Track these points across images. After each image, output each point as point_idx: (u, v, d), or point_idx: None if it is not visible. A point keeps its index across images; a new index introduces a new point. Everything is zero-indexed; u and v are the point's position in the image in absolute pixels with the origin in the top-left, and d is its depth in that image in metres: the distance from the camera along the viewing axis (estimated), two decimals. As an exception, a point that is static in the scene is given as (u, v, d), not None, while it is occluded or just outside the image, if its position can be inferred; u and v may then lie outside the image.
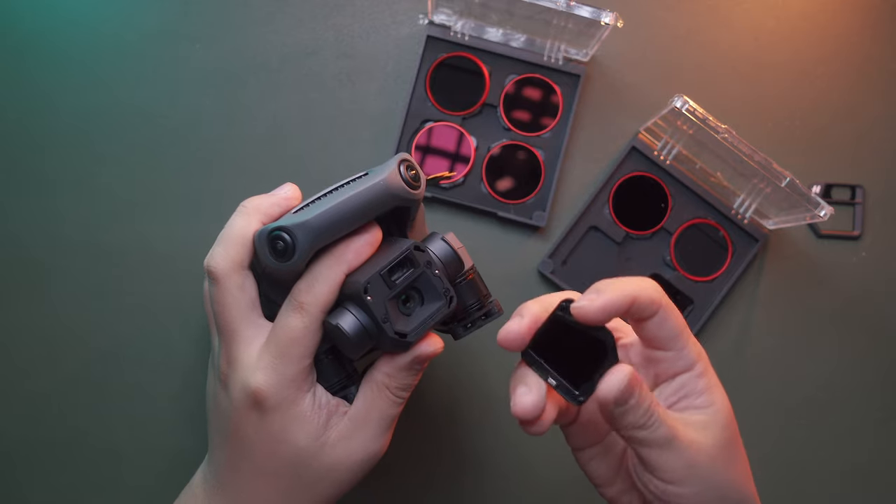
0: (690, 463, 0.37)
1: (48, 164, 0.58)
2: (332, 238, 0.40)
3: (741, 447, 0.40)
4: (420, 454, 0.57)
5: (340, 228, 0.39)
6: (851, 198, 0.60)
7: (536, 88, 0.59)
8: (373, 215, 0.40)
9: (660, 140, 0.59)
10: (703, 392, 0.39)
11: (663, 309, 0.38)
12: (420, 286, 0.41)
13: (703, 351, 0.40)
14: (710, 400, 0.39)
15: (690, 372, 0.39)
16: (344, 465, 0.42)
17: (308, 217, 0.39)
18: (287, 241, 0.39)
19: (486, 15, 0.57)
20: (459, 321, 0.43)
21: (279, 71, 0.59)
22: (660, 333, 0.38)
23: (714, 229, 0.59)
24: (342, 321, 0.39)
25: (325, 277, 0.40)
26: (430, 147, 0.58)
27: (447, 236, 0.43)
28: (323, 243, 0.40)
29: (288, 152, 0.59)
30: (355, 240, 0.40)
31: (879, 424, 0.59)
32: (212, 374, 0.45)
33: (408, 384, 0.42)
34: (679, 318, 0.39)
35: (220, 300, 0.42)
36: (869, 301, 0.59)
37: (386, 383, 0.41)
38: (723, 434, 0.39)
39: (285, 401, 0.40)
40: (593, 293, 0.37)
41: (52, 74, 0.59)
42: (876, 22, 0.61)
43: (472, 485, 0.57)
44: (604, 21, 0.52)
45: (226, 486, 0.42)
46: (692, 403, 0.39)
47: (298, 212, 0.40)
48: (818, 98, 0.61)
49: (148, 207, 0.58)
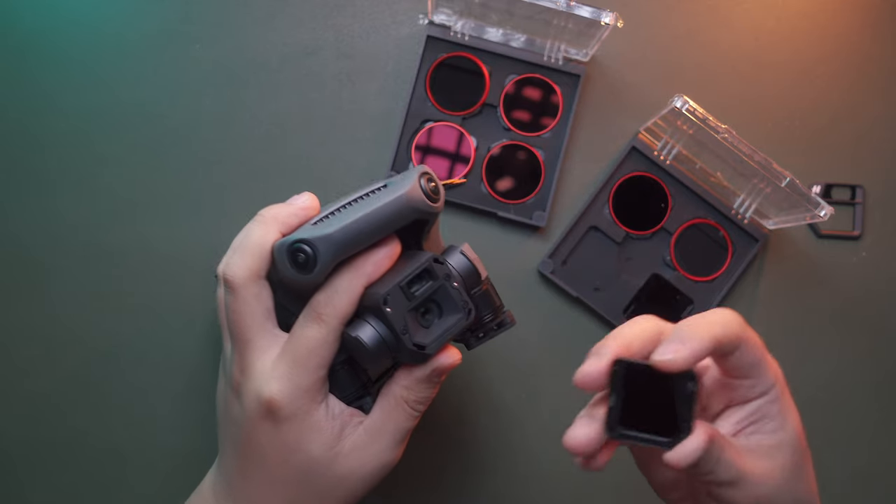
0: (758, 494, 0.36)
1: (48, 164, 0.58)
2: (354, 251, 0.40)
3: (809, 462, 0.39)
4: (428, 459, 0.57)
5: (361, 242, 0.40)
6: (851, 198, 0.60)
7: (536, 88, 0.59)
8: (393, 228, 0.40)
9: (660, 140, 0.59)
10: (777, 416, 0.38)
11: (744, 342, 0.36)
12: (438, 298, 0.41)
13: (779, 371, 0.38)
14: (782, 424, 0.38)
15: (766, 397, 0.38)
16: (356, 475, 0.42)
17: (330, 230, 0.39)
18: (308, 253, 0.39)
19: (486, 15, 0.57)
20: (472, 331, 0.44)
21: (279, 71, 0.59)
22: (740, 364, 0.37)
23: (714, 229, 0.59)
24: (361, 333, 0.39)
25: (344, 289, 0.40)
26: (430, 147, 0.58)
27: (464, 248, 0.43)
28: (344, 256, 0.40)
29: (288, 152, 0.59)
30: (375, 252, 0.40)
31: (879, 425, 0.58)
32: (223, 382, 0.45)
33: (426, 397, 0.42)
34: (759, 347, 0.37)
35: (236, 309, 0.42)
36: (869, 301, 0.59)
37: (404, 396, 0.42)
38: (792, 457, 0.38)
39: (300, 410, 0.40)
40: (677, 343, 0.34)
41: (52, 74, 0.59)
42: (876, 21, 0.61)
43: (479, 490, 0.57)
44: (604, 21, 0.52)
45: (236, 493, 0.42)
46: (763, 428, 0.38)
47: (318, 223, 0.40)
48: (818, 98, 0.61)
49: (148, 207, 0.58)
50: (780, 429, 0.38)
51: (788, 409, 0.38)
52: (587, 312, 0.58)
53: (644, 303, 0.58)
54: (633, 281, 0.58)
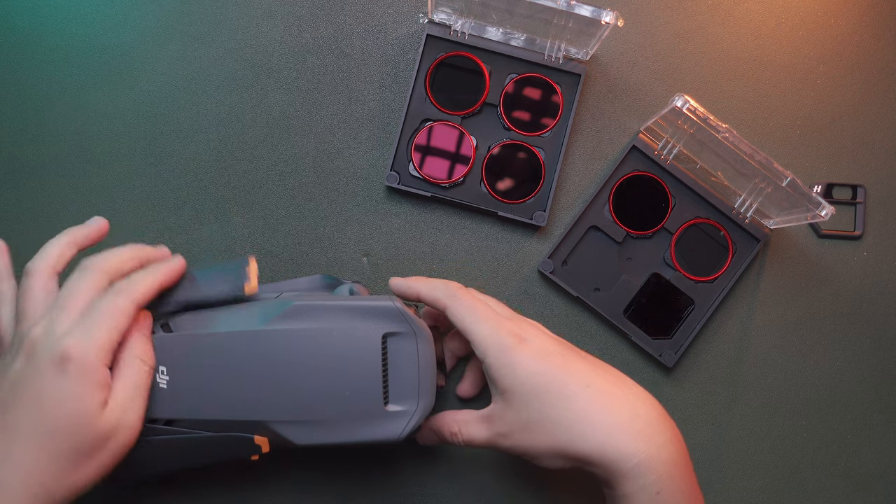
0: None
1: (48, 164, 0.58)
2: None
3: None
4: (429, 459, 0.57)
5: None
6: (852, 197, 0.60)
7: (537, 88, 0.59)
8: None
9: (660, 139, 0.58)
10: (493, 384, 0.49)
11: (448, 308, 0.49)
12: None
13: (497, 349, 0.47)
14: (496, 390, 0.49)
15: (483, 364, 0.48)
16: (118, 435, 0.43)
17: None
18: None
19: (486, 14, 0.57)
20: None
21: (279, 70, 0.59)
22: (456, 325, 0.49)
23: (715, 229, 0.59)
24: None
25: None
26: (430, 146, 0.58)
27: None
28: None
29: (288, 152, 0.59)
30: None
31: (879, 425, 0.58)
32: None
33: (145, 350, 0.44)
34: (463, 319, 0.48)
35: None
36: (870, 301, 0.59)
37: (138, 354, 0.44)
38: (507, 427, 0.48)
39: (92, 364, 0.42)
40: (399, 280, 0.52)
41: (50, 73, 0.58)
42: (877, 21, 0.61)
43: (479, 491, 0.57)
44: (604, 20, 0.51)
45: None
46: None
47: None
48: (819, 97, 0.60)
49: (148, 207, 0.58)
50: (494, 394, 0.48)
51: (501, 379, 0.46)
52: (587, 312, 0.58)
53: (644, 303, 0.58)
54: (634, 281, 0.58)
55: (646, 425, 0.44)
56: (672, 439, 0.45)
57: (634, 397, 0.46)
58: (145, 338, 0.44)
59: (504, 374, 0.46)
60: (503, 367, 0.46)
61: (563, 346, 0.48)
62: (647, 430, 0.44)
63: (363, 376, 0.46)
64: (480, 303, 0.49)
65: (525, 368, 0.46)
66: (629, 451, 0.43)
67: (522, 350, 0.46)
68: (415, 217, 0.59)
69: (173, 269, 0.46)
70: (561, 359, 0.46)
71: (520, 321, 0.49)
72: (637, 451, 0.43)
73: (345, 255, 0.58)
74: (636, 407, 0.45)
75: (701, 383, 0.58)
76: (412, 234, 0.59)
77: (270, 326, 0.45)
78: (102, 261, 0.44)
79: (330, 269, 0.58)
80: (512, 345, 0.46)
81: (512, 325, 0.48)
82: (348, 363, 0.46)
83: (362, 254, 0.58)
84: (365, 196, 0.59)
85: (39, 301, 0.43)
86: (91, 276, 0.44)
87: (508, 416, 0.46)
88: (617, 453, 0.43)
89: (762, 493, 0.58)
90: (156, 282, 0.45)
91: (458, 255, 0.58)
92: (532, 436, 0.45)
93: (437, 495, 0.56)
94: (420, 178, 0.58)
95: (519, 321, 0.49)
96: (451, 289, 0.49)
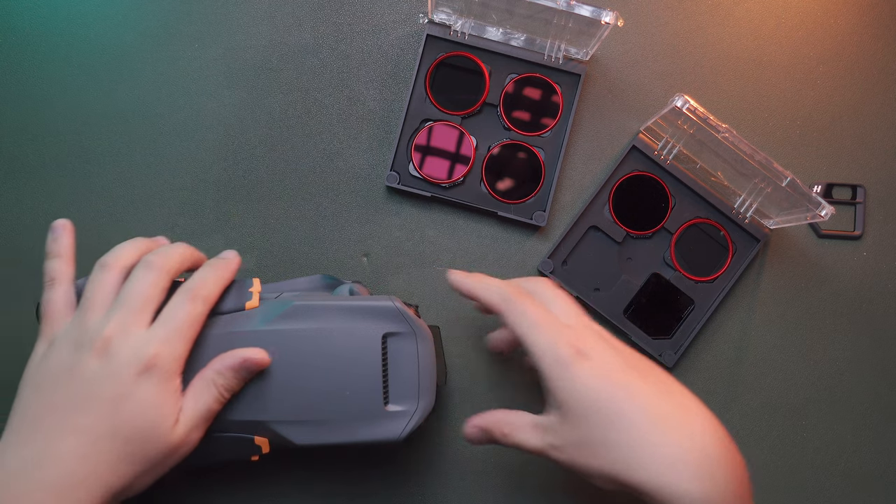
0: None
1: (48, 164, 0.58)
2: None
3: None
4: (432, 459, 0.57)
5: None
6: (852, 197, 0.60)
7: (536, 88, 0.59)
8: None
9: (660, 139, 0.58)
10: (548, 395, 0.45)
11: (504, 314, 0.47)
12: None
13: (554, 359, 0.44)
14: (551, 401, 0.45)
15: (539, 371, 0.46)
16: (182, 449, 0.44)
17: None
18: None
19: (486, 14, 0.57)
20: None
21: (279, 70, 0.59)
22: (513, 331, 0.47)
23: (715, 229, 0.59)
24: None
25: (214, 280, 0.46)
26: (430, 147, 0.58)
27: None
28: None
29: (288, 152, 0.59)
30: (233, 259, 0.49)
31: (879, 425, 0.58)
32: (64, 349, 0.43)
33: (233, 386, 0.45)
34: (520, 326, 0.46)
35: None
36: (870, 301, 0.59)
37: (214, 379, 0.44)
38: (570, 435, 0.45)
39: (171, 373, 0.43)
40: (460, 275, 0.51)
41: (50, 74, 0.58)
42: (877, 21, 0.61)
43: (480, 491, 0.57)
44: (604, 20, 0.51)
45: (47, 450, 0.42)
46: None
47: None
48: (819, 97, 0.60)
49: (148, 207, 0.58)
50: (549, 404, 0.45)
51: (559, 391, 0.44)
52: (587, 312, 0.58)
53: (644, 303, 0.58)
54: (634, 281, 0.58)
55: (708, 460, 0.41)
56: (735, 478, 0.41)
57: (701, 428, 0.42)
58: (226, 364, 0.45)
59: (561, 386, 0.43)
60: (560, 380, 0.43)
61: (625, 361, 0.44)
62: (710, 467, 0.41)
63: (363, 376, 0.46)
64: (537, 308, 0.46)
65: (584, 385, 0.43)
66: (687, 488, 0.40)
67: (582, 366, 0.43)
68: (415, 217, 0.59)
69: (233, 270, 0.48)
70: (622, 377, 0.43)
71: (581, 330, 0.46)
72: (696, 489, 0.40)
73: (345, 255, 0.58)
74: (700, 439, 0.42)
75: (701, 383, 0.58)
76: (412, 234, 0.59)
77: (270, 326, 0.45)
78: (166, 260, 0.45)
79: (330, 269, 0.58)
80: (570, 359, 0.43)
81: (571, 334, 0.45)
82: (348, 363, 0.46)
83: (362, 254, 0.58)
84: (365, 196, 0.59)
85: (109, 295, 0.44)
86: (157, 276, 0.44)
87: (564, 430, 0.44)
88: (675, 489, 0.40)
89: (762, 493, 0.58)
90: (223, 284, 0.46)
91: (458, 255, 0.58)
92: (586, 455, 0.43)
93: (438, 495, 0.56)
94: (420, 178, 0.58)
95: (580, 330, 0.46)
96: (507, 292, 0.47)
